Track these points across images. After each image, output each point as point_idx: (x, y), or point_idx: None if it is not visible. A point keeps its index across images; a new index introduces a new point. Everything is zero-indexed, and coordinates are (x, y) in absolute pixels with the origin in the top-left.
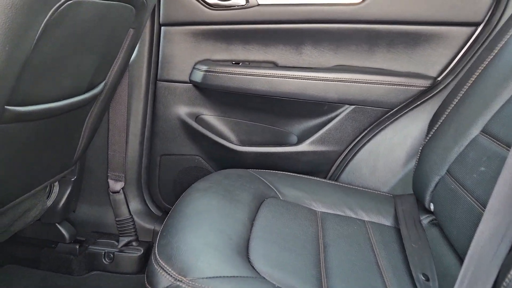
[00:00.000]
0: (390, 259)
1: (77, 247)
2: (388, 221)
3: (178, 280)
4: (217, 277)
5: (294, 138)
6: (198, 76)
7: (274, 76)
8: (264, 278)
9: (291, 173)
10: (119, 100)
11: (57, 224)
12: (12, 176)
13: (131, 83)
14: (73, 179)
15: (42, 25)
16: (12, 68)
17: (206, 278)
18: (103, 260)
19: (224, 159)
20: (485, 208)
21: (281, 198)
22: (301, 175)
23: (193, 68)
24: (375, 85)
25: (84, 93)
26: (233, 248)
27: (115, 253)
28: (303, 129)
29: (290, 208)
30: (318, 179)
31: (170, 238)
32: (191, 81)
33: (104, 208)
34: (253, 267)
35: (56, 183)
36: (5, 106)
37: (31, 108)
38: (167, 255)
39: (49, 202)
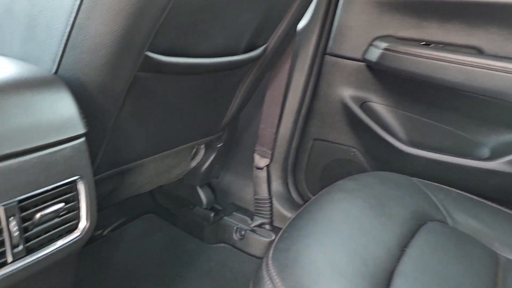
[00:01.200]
0: None
1: (212, 214)
2: None
3: None
4: None
5: (484, 151)
6: (374, 55)
7: (475, 66)
8: None
9: (472, 196)
10: (280, 70)
11: (197, 187)
12: (154, 131)
13: (295, 52)
14: (219, 146)
15: None
16: (153, 8)
17: None
18: (234, 235)
19: (386, 159)
20: None
21: (450, 224)
22: (485, 201)
23: (370, 44)
24: None
25: (240, 54)
26: (366, 279)
27: (247, 231)
28: (502, 142)
29: (460, 241)
30: (510, 211)
31: (290, 244)
32: (364, 60)
33: (246, 182)
34: None
35: (202, 146)
36: (146, 52)
37: (176, 59)
38: (281, 264)
39: (193, 164)
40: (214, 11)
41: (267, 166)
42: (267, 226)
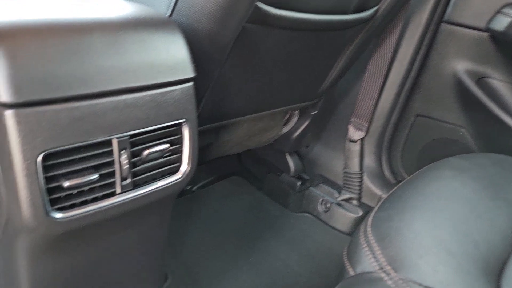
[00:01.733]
0: None
1: (299, 183)
2: None
3: (385, 271)
4: None
5: None
6: (501, 24)
7: None
8: None
9: None
10: (388, 37)
11: (286, 154)
12: (253, 88)
13: (407, 18)
14: (313, 113)
15: None
16: None
17: (425, 287)
18: (319, 206)
19: (501, 143)
20: None
21: None
22: None
23: (498, 11)
24: None
25: (349, 13)
26: (477, 264)
27: (333, 204)
28: None
29: None
30: None
31: (393, 214)
32: (488, 29)
33: (336, 155)
34: None
35: (297, 112)
36: (257, 3)
37: (285, 12)
38: (381, 232)
39: (285, 129)
40: None
41: (361, 139)
42: (354, 202)
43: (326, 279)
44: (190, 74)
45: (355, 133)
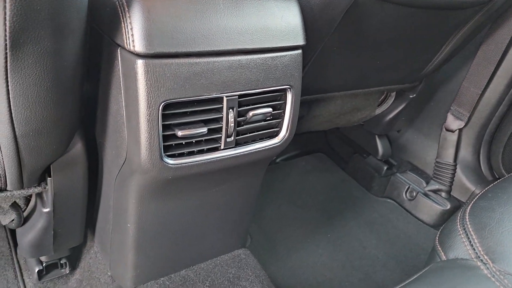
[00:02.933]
0: None
1: (385, 167)
2: None
3: (482, 261)
4: None
5: None
6: None
7: None
8: None
9: None
10: (504, 23)
11: (376, 136)
12: (353, 64)
13: None
14: (411, 96)
15: None
16: None
17: None
18: (404, 194)
19: None
20: None
21: None
22: None
23: None
24: None
25: None
26: None
27: (419, 193)
28: None
29: None
30: None
31: (495, 205)
32: None
33: (430, 143)
34: None
35: (393, 94)
36: None
37: None
38: (481, 221)
39: (378, 111)
40: None
41: (460, 129)
42: (443, 194)
43: (403, 266)
44: (301, 41)
45: (453, 122)
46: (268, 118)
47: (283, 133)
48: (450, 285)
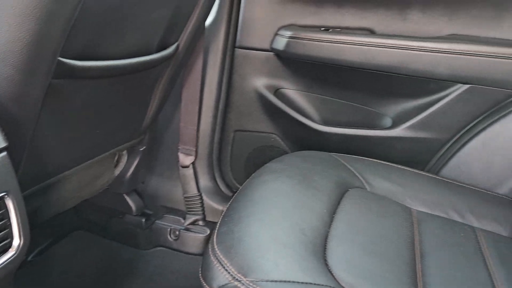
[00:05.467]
0: (511, 280)
1: (144, 220)
2: (506, 231)
3: (237, 279)
4: (285, 281)
5: (388, 121)
6: (280, 43)
7: (370, 45)
8: None
9: (382, 162)
10: (193, 67)
11: (124, 194)
12: (74, 139)
13: (206, 48)
14: (142, 149)
15: None
16: (62, 11)
17: (271, 281)
18: (169, 236)
19: (304, 140)
20: None
21: (368, 189)
22: (394, 165)
23: (276, 34)
24: (501, 59)
25: (153, 53)
26: (307, 247)
27: (181, 230)
28: (400, 111)
29: (379, 202)
30: (415, 170)
31: (232, 226)
32: (272, 49)
33: (174, 183)
34: (331, 273)
35: (125, 152)
36: (59, 58)
37: (89, 63)
38: (227, 246)
39: (117, 171)
40: (124, 10)
41: (193, 163)
42: (200, 222)
43: None
44: (1, 143)
45: (185, 159)
46: None
47: (16, 241)
48: None
